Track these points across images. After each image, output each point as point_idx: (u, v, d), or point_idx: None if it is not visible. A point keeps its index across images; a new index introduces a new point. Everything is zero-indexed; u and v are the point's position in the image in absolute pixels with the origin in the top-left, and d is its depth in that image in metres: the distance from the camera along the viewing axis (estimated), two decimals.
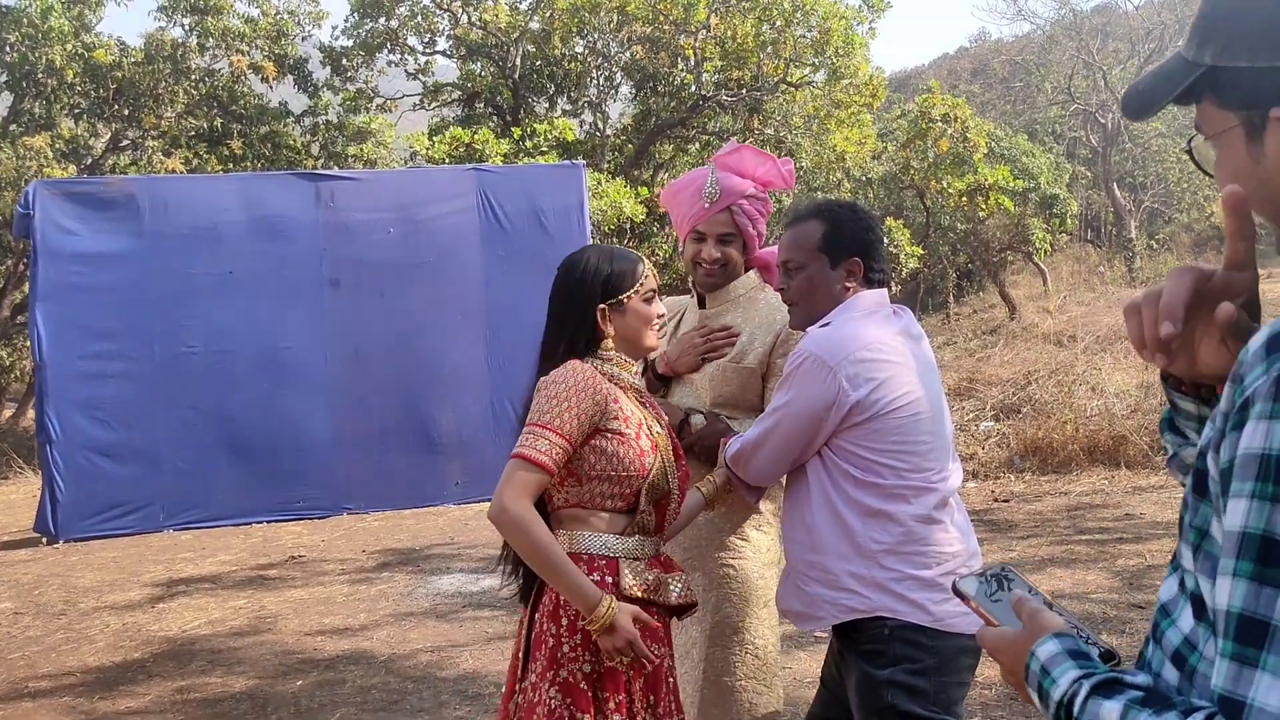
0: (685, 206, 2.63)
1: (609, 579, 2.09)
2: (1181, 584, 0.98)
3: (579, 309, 2.20)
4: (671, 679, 2.21)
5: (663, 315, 2.26)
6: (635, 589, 2.10)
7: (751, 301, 2.66)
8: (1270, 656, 0.79)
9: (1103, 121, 25.51)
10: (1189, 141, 1.08)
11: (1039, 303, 19.20)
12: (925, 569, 2.12)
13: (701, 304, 2.74)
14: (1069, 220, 21.02)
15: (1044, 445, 8.39)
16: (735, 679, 2.52)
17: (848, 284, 2.27)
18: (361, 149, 16.62)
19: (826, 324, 2.24)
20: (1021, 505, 7.33)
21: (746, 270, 2.69)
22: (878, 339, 2.19)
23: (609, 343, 2.20)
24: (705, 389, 2.62)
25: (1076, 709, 0.94)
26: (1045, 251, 20.52)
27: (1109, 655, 1.03)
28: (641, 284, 2.22)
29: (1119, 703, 0.90)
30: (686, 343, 2.64)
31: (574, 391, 2.09)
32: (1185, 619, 0.96)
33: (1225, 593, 0.83)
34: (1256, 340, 0.88)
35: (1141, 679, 0.95)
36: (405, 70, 17.42)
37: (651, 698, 2.11)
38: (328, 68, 17.01)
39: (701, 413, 2.58)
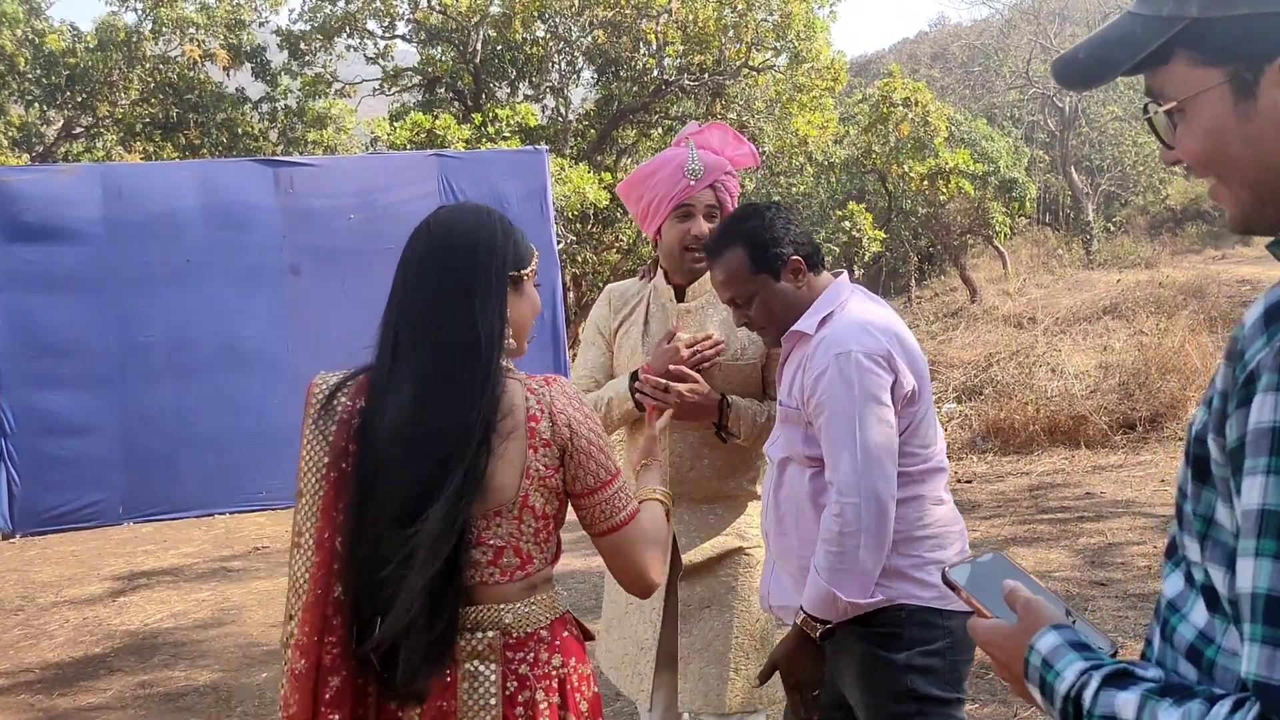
0: (665, 186, 2.49)
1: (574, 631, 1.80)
2: (1188, 578, 0.95)
3: (499, 283, 1.65)
4: None
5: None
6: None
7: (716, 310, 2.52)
8: None
9: (1060, 105, 25.78)
10: (1147, 109, 1.00)
11: (999, 285, 19.42)
12: (942, 550, 2.06)
13: (679, 296, 2.58)
14: (1028, 204, 21.26)
15: (1005, 426, 8.50)
16: (761, 666, 2.51)
17: (798, 283, 2.14)
18: (321, 135, 16.43)
19: (826, 319, 2.09)
20: (984, 485, 7.41)
21: None
22: (886, 317, 2.11)
23: (509, 335, 1.68)
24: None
25: (1087, 702, 0.90)
26: (1005, 235, 20.73)
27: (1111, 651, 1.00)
28: (535, 259, 1.76)
29: (1135, 693, 0.87)
30: (669, 357, 2.42)
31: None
32: (1197, 613, 0.92)
33: (1249, 575, 0.79)
34: (1252, 313, 0.84)
35: (1153, 672, 0.91)
36: (364, 55, 17.21)
37: None
38: (285, 52, 16.76)
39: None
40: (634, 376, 2.46)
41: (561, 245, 12.52)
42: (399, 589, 1.52)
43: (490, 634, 1.64)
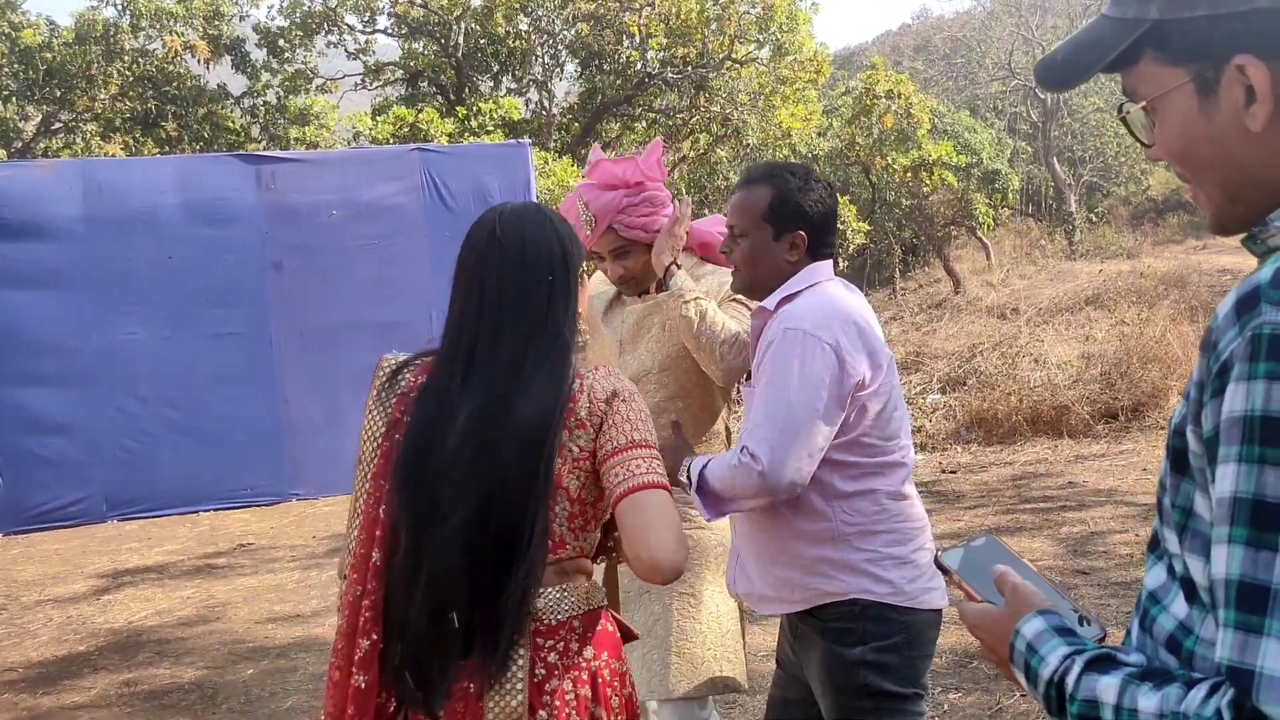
0: (577, 228, 2.50)
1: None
2: (1169, 570, 0.96)
3: (574, 286, 1.71)
4: None
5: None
6: None
7: (696, 282, 2.56)
8: (1274, 622, 0.76)
9: (1043, 98, 25.86)
10: (1121, 109, 1.02)
11: (983, 276, 19.49)
12: (900, 545, 2.05)
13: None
14: (1011, 195, 21.35)
15: (989, 417, 8.54)
16: (705, 648, 2.49)
17: (790, 257, 2.14)
18: (304, 131, 16.36)
19: (791, 296, 2.09)
20: (968, 476, 7.45)
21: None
22: (857, 306, 2.10)
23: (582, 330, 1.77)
24: (654, 367, 2.58)
25: (1070, 686, 0.91)
26: (988, 226, 20.82)
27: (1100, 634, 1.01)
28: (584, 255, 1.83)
29: (1116, 678, 0.88)
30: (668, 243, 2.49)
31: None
32: (1178, 605, 0.93)
33: (1222, 561, 0.81)
34: (1225, 304, 0.85)
35: (1135, 657, 0.93)
36: (345, 50, 17.14)
37: None
38: (265, 49, 16.67)
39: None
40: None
41: None
42: (495, 599, 1.54)
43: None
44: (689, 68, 15.62)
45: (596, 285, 2.84)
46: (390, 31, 17.35)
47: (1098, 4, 26.60)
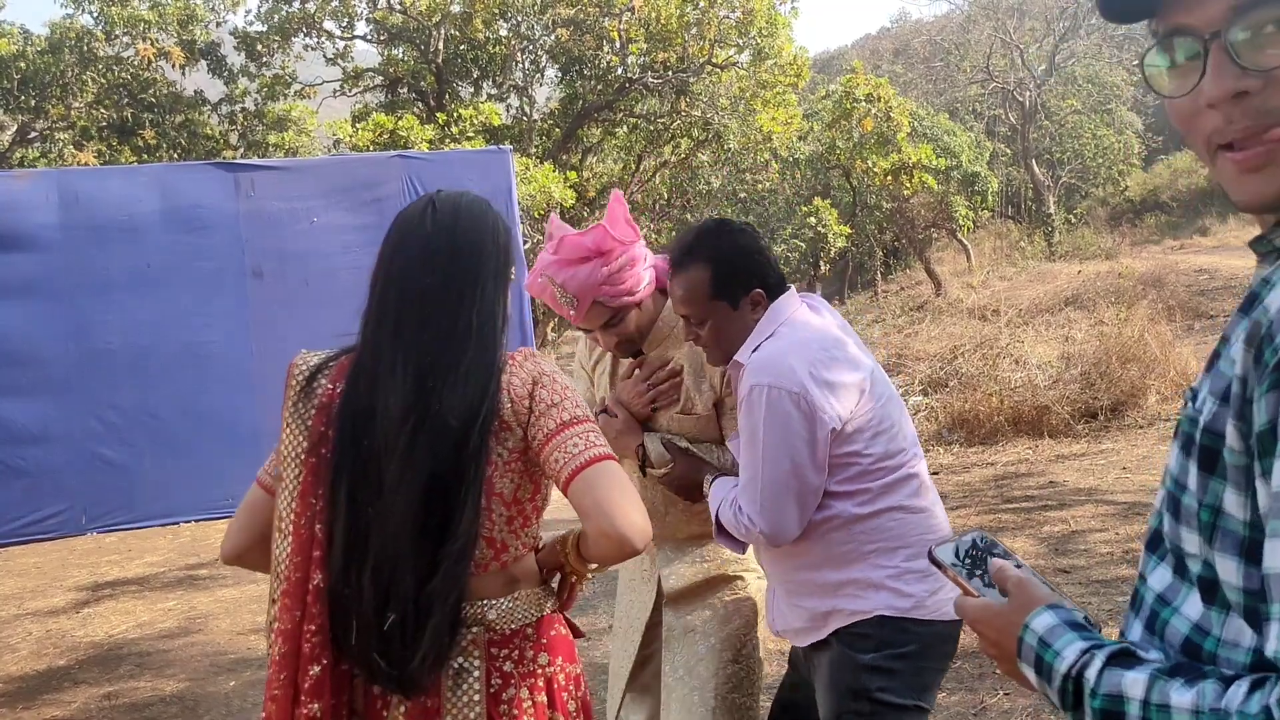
0: (556, 309, 2.35)
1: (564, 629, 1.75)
2: (1178, 569, 0.93)
3: (505, 270, 1.64)
4: None
5: None
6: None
7: (681, 351, 2.41)
8: None
9: (1021, 99, 26.05)
10: (1171, 42, 0.92)
11: (963, 278, 19.61)
12: (919, 559, 2.02)
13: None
14: (990, 197, 21.49)
15: (971, 417, 8.57)
16: (750, 696, 2.42)
17: (755, 315, 2.09)
18: (283, 137, 16.30)
19: (758, 346, 2.05)
20: (950, 476, 7.48)
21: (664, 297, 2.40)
22: (819, 330, 2.06)
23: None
24: (661, 428, 2.44)
25: (1091, 680, 0.89)
26: (968, 228, 20.96)
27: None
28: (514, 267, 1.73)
29: (1143, 673, 0.86)
30: (630, 391, 2.37)
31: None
32: (1191, 606, 0.91)
33: (1278, 555, 0.78)
34: (1278, 299, 0.83)
35: (1154, 653, 0.91)
36: (324, 55, 17.09)
37: None
38: (242, 54, 16.60)
39: (660, 439, 2.33)
40: (601, 412, 2.42)
41: (528, 245, 12.49)
42: (427, 590, 1.49)
43: (475, 630, 1.59)
44: (669, 72, 15.65)
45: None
46: (369, 38, 17.31)
47: (1073, 7, 26.83)
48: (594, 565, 1.67)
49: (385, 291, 1.58)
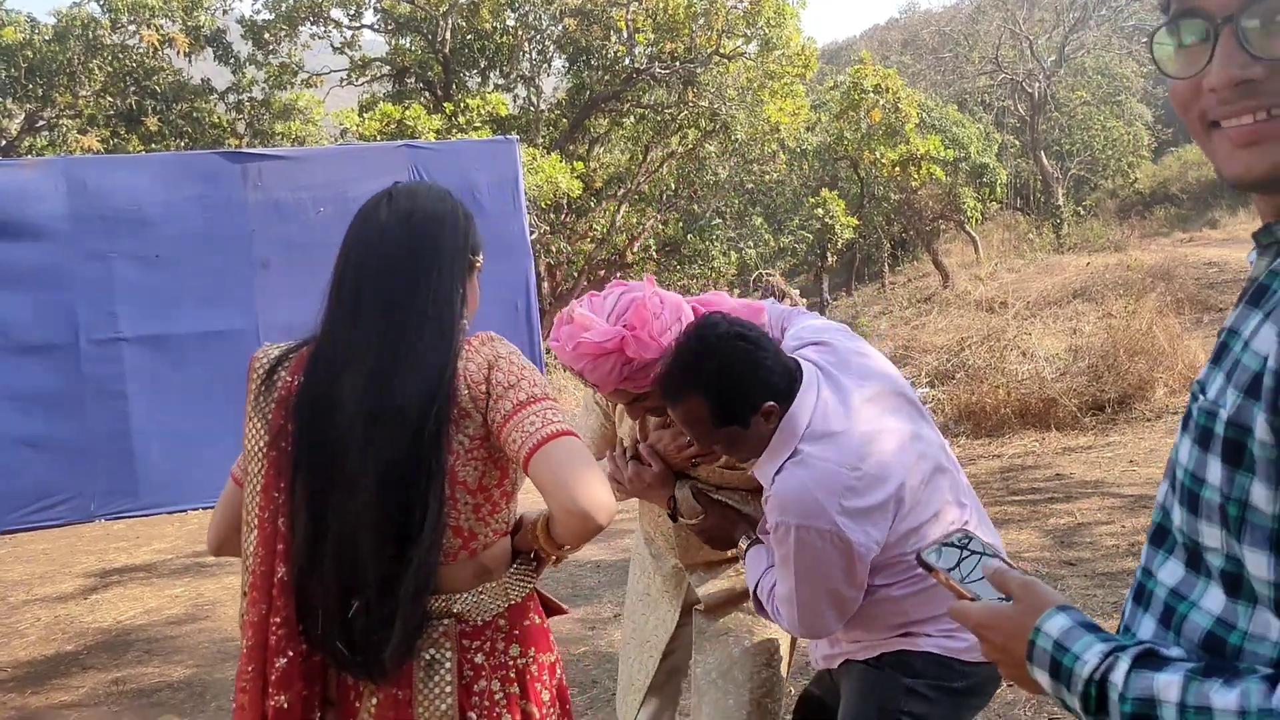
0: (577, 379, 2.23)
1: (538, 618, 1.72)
2: (1191, 564, 0.92)
3: (463, 257, 1.62)
4: None
5: None
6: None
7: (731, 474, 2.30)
8: None
9: (1029, 91, 25.93)
10: (1153, 37, 0.94)
11: (971, 270, 19.55)
12: None
13: None
14: (999, 189, 21.43)
15: (978, 409, 8.57)
16: (777, 703, 2.41)
17: (770, 427, 1.86)
18: (289, 126, 16.30)
19: (780, 468, 1.84)
20: None
21: None
22: (844, 439, 1.83)
23: (465, 316, 1.63)
24: (700, 478, 2.35)
25: (1119, 684, 0.86)
26: (976, 220, 20.89)
27: None
28: (483, 255, 1.70)
29: (1176, 674, 0.83)
30: (670, 443, 2.22)
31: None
32: (1211, 600, 0.89)
33: None
34: None
35: (1176, 652, 0.89)
36: (331, 44, 17.08)
37: None
38: (249, 42, 16.60)
39: (691, 488, 2.23)
40: (633, 458, 2.29)
41: (534, 236, 12.48)
42: (394, 582, 1.48)
43: (446, 622, 1.58)
44: (677, 63, 15.61)
45: None
46: (376, 27, 17.30)
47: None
48: (566, 547, 1.63)
49: (342, 281, 1.58)
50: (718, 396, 1.83)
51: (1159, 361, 8.37)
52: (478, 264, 1.67)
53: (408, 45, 17.17)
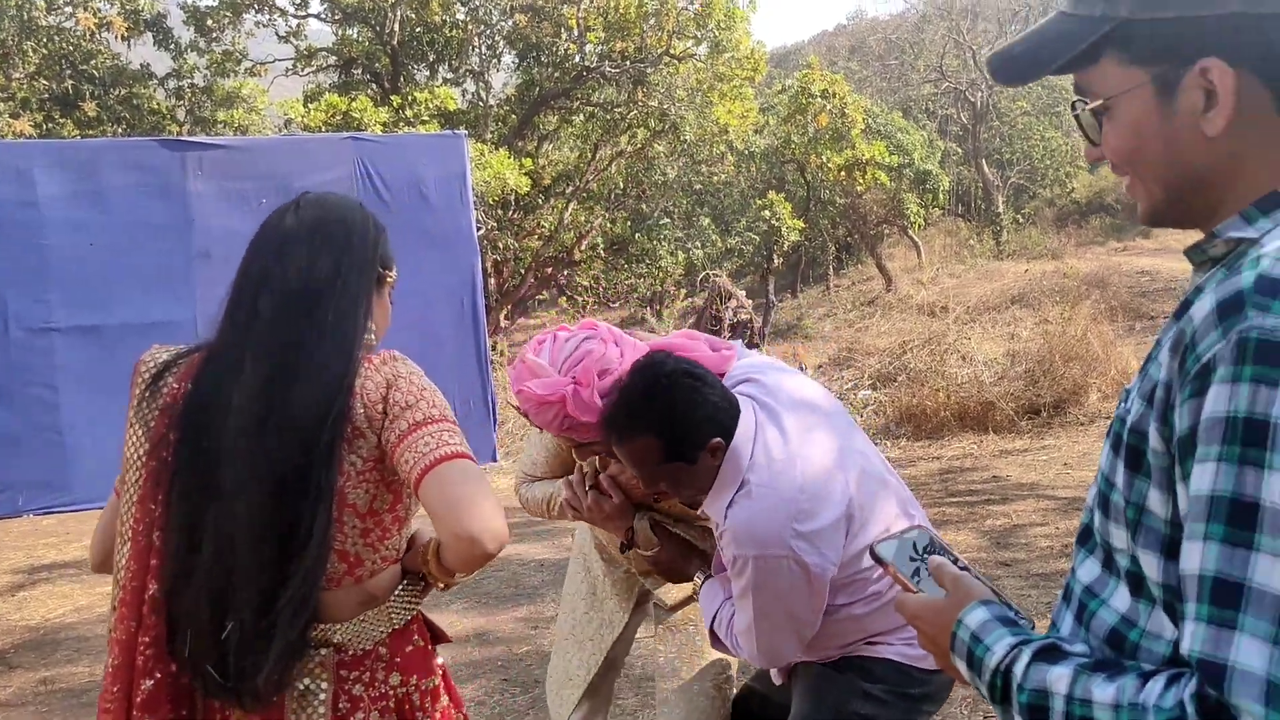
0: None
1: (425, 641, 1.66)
2: (1106, 564, 0.97)
3: (370, 269, 1.58)
4: None
5: None
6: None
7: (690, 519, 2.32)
8: (1247, 618, 0.77)
9: (972, 100, 26.39)
10: (1074, 106, 1.02)
11: (914, 274, 19.85)
12: None
13: None
14: (941, 195, 21.76)
15: (918, 412, 8.71)
16: (732, 686, 2.49)
17: (716, 462, 1.87)
18: (231, 115, 15.98)
19: (731, 501, 1.85)
20: (897, 470, 7.57)
21: None
22: (789, 466, 1.85)
23: (371, 330, 1.58)
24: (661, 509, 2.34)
25: (1018, 675, 0.92)
26: (919, 225, 21.20)
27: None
28: (395, 269, 1.65)
29: (1067, 668, 0.89)
30: (628, 483, 2.22)
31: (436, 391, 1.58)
32: (1119, 598, 0.94)
33: (1196, 556, 0.81)
34: (1203, 307, 0.86)
35: (1080, 647, 0.93)
36: (276, 33, 16.78)
37: None
38: (191, 28, 16.25)
39: (650, 520, 2.24)
40: (593, 488, 2.29)
41: (482, 232, 12.40)
42: (273, 604, 1.40)
43: (324, 651, 1.50)
44: (627, 62, 15.60)
45: None
46: (323, 16, 17.04)
47: (1025, 10, 27.23)
48: (459, 574, 1.54)
49: (241, 286, 1.53)
50: (667, 434, 1.85)
51: (1093, 367, 8.59)
52: (389, 278, 1.62)
53: (355, 36, 16.94)
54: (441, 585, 1.61)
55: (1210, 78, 0.90)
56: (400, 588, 1.59)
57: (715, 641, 2.07)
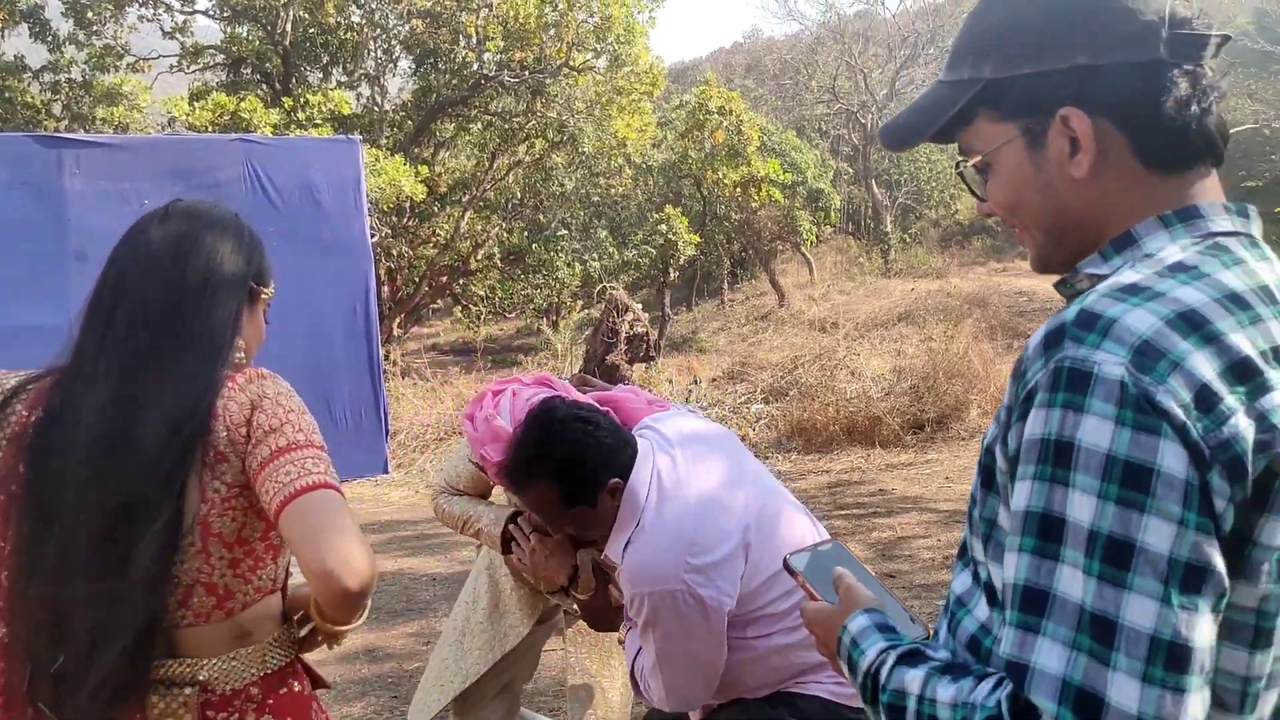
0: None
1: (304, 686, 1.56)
2: (975, 576, 1.04)
3: (241, 283, 1.50)
4: None
5: None
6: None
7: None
8: (1049, 623, 0.84)
9: (863, 121, 27.16)
10: (958, 165, 1.09)
11: (805, 291, 20.30)
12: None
13: None
14: (833, 213, 22.35)
15: (809, 426, 8.89)
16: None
17: (616, 503, 1.89)
18: (112, 112, 15.34)
19: (627, 543, 1.87)
20: (788, 483, 7.72)
21: None
22: (683, 502, 1.88)
23: (240, 348, 1.49)
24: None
25: (883, 677, 0.98)
26: (811, 242, 21.71)
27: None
28: (273, 285, 1.57)
29: (922, 670, 0.95)
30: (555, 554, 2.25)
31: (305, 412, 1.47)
32: (980, 608, 1.01)
33: (1012, 567, 0.88)
34: (1035, 339, 0.93)
35: (942, 652, 1.00)
36: (161, 28, 16.20)
37: None
38: (70, 20, 15.56)
39: (591, 561, 2.27)
40: (515, 515, 2.33)
41: (375, 239, 12.19)
42: (98, 635, 1.31)
43: (188, 690, 1.40)
44: (526, 72, 15.58)
45: None
46: (211, 13, 16.52)
47: (914, 36, 28.19)
48: (340, 623, 1.42)
49: (98, 300, 1.44)
50: (565, 480, 1.88)
51: (974, 384, 8.92)
52: (264, 294, 1.54)
53: (245, 34, 16.48)
54: (326, 639, 1.50)
55: (1071, 125, 0.97)
56: (282, 629, 1.50)
57: (636, 688, 2.07)
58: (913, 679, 0.95)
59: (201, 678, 1.41)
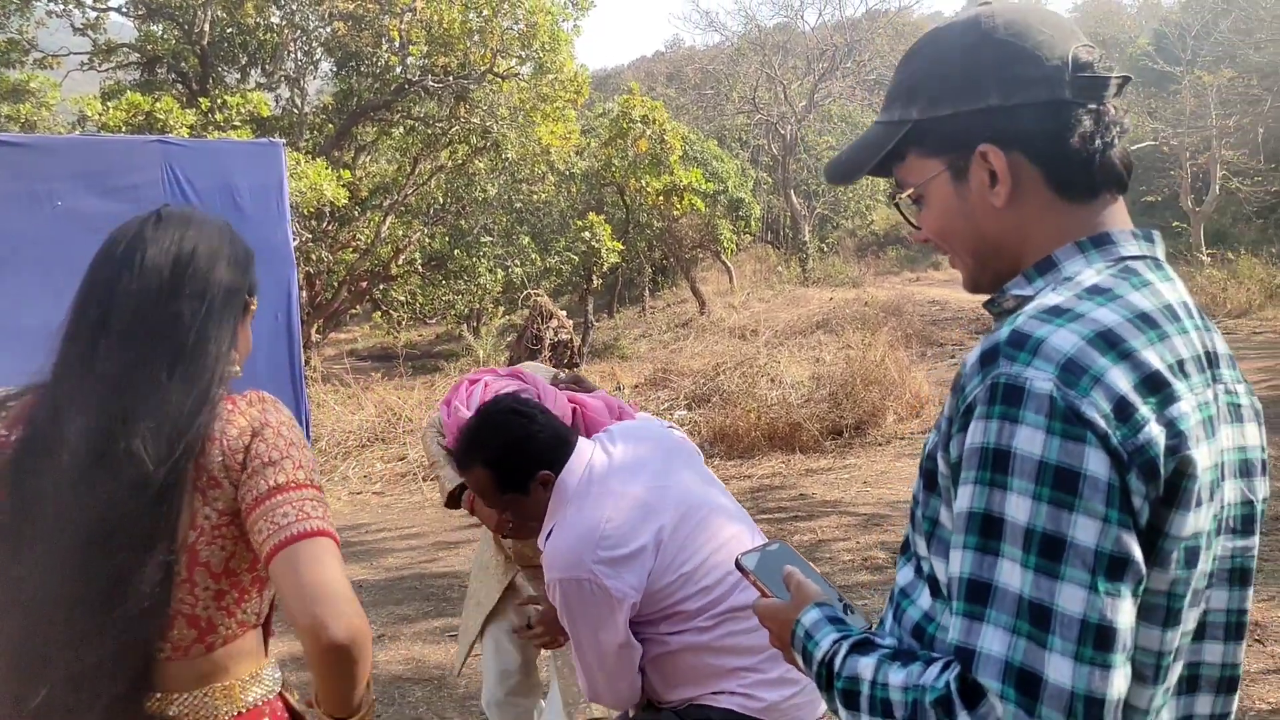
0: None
1: None
2: (918, 570, 1.14)
3: (237, 297, 1.44)
4: None
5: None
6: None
7: None
8: (992, 611, 0.94)
9: (782, 132, 27.64)
10: (894, 198, 1.21)
11: (726, 298, 20.59)
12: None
13: None
14: (753, 222, 22.71)
15: (731, 432, 9.05)
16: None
17: (546, 494, 2.06)
18: (18, 109, 14.82)
19: (550, 532, 2.02)
20: None
21: None
22: (603, 499, 1.99)
23: (234, 362, 1.43)
24: None
25: (837, 665, 1.07)
26: (732, 251, 22.01)
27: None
28: (258, 298, 1.53)
29: (873, 658, 1.04)
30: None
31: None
32: (924, 599, 1.10)
33: (956, 562, 0.98)
34: (972, 356, 1.03)
35: (889, 641, 1.10)
36: (71, 24, 15.73)
37: None
38: None
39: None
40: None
41: (296, 243, 12.02)
42: (90, 672, 1.25)
43: None
44: (450, 77, 15.51)
45: None
46: (125, 10, 16.09)
47: (831, 49, 28.80)
48: (341, 686, 1.31)
49: (84, 311, 1.36)
50: (499, 467, 2.07)
51: (890, 391, 9.19)
52: (252, 306, 1.50)
53: (160, 33, 16.09)
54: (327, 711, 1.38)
55: (989, 159, 1.09)
56: (257, 665, 1.44)
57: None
58: (865, 666, 1.03)
59: (171, 714, 1.34)
